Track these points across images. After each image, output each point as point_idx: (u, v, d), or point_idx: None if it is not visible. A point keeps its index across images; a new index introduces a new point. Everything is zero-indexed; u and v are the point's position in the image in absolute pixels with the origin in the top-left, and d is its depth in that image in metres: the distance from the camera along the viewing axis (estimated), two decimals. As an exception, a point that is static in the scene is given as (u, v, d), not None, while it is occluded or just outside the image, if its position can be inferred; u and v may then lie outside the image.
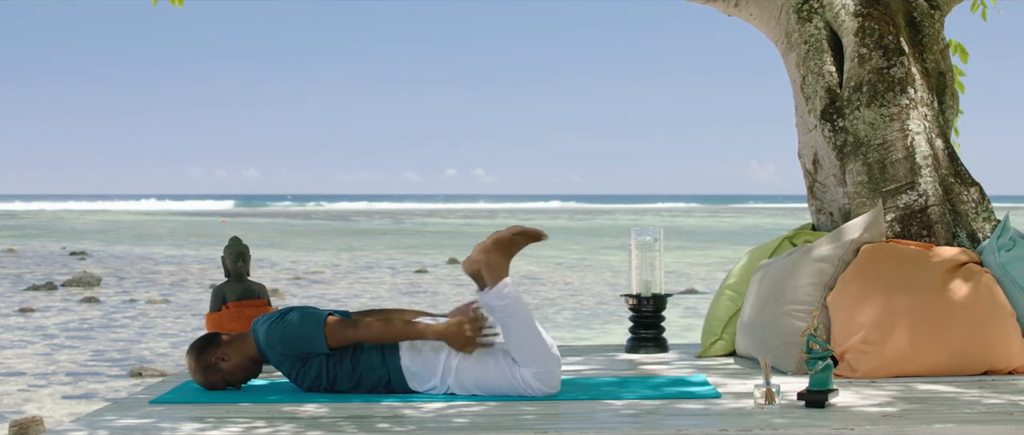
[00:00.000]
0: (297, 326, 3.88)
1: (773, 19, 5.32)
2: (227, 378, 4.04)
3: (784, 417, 3.41)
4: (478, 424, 3.35)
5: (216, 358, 4.02)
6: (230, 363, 4.02)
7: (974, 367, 4.20)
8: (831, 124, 4.96)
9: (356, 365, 3.89)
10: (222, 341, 4.06)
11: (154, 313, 14.34)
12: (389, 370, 3.89)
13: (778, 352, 4.36)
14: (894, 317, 4.19)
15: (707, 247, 30.08)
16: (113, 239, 34.82)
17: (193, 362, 4.04)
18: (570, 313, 14.34)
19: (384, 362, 3.89)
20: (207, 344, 4.05)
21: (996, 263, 4.41)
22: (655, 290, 5.01)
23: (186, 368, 4.13)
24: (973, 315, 4.20)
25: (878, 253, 4.37)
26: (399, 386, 3.90)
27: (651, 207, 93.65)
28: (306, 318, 3.89)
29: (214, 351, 4.03)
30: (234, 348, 4.04)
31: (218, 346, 4.04)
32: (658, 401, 3.73)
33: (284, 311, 3.97)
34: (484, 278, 3.89)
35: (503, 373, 3.83)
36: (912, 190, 4.77)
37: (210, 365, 4.02)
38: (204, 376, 4.03)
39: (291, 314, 3.92)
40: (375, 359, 3.90)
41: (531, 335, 3.82)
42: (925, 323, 4.18)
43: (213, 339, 4.07)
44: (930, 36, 5.14)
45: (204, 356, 4.03)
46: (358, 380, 3.90)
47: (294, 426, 3.34)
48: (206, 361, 4.02)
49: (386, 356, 3.90)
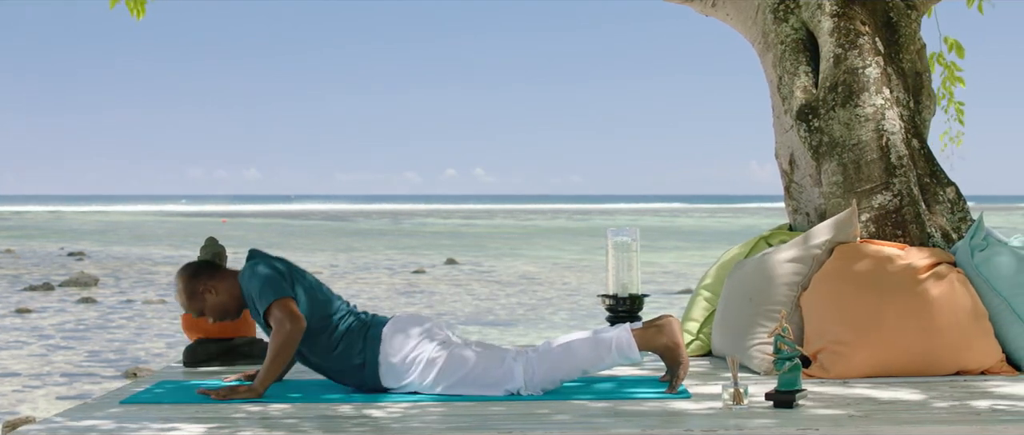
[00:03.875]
0: (256, 286, 3.87)
1: (750, 19, 5.32)
2: (205, 309, 4.04)
3: (751, 417, 3.41)
4: (443, 423, 3.35)
5: (204, 288, 4.01)
6: (215, 297, 4.02)
7: (946, 368, 4.20)
8: (807, 124, 4.96)
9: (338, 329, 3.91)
10: (215, 272, 4.04)
11: (151, 313, 14.34)
12: (368, 344, 3.89)
13: (752, 352, 4.37)
14: (867, 318, 4.19)
15: (706, 247, 30.07)
16: (111, 240, 34.84)
17: (181, 283, 4.02)
18: (566, 313, 14.34)
19: (366, 336, 3.90)
20: (200, 272, 4.04)
21: (969, 263, 4.41)
22: (632, 290, 5.01)
23: (174, 288, 4.11)
24: (945, 316, 4.20)
25: (852, 253, 4.38)
26: (371, 357, 3.88)
27: (650, 207, 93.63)
28: (264, 287, 3.85)
29: (205, 280, 4.02)
30: (224, 284, 4.03)
31: (210, 276, 4.03)
32: (626, 401, 3.73)
33: (259, 261, 3.95)
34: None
35: (496, 357, 3.85)
36: (887, 190, 4.77)
37: (196, 292, 4.01)
38: (187, 300, 4.02)
39: (259, 268, 3.90)
40: (358, 332, 3.91)
41: (570, 365, 3.88)
42: (897, 324, 4.18)
43: (207, 267, 4.05)
44: (906, 36, 5.13)
45: (193, 282, 4.02)
46: (338, 342, 3.90)
47: (261, 427, 3.34)
48: (194, 287, 4.02)
49: (369, 334, 3.91)
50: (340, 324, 3.96)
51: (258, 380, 3.83)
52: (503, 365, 3.85)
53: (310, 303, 3.95)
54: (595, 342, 3.91)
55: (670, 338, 3.89)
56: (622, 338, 3.90)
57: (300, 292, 3.94)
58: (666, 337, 3.89)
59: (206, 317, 4.08)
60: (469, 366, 3.86)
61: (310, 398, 3.83)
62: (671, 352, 3.88)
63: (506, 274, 20.80)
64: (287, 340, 3.80)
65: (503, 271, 21.55)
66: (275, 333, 3.82)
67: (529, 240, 34.95)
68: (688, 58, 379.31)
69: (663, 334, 3.89)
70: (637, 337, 3.90)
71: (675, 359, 3.88)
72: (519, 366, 3.84)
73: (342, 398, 3.82)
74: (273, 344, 3.82)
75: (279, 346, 3.81)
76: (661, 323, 3.92)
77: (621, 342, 3.89)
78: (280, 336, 3.80)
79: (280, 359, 3.82)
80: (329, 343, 3.93)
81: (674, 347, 3.88)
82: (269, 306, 3.83)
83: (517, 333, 12.36)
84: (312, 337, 3.94)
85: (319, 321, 3.94)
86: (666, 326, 3.90)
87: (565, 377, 3.92)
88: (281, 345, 3.80)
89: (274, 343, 3.81)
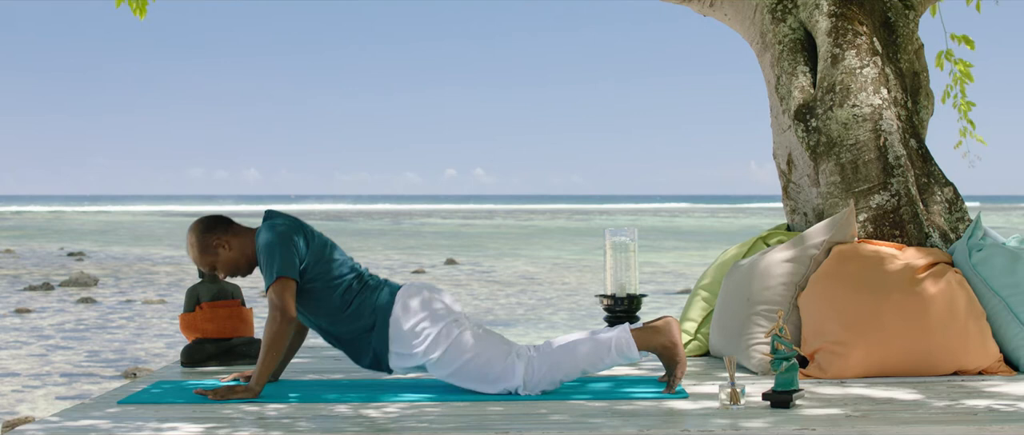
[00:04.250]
0: (264, 257, 3.86)
1: (748, 19, 5.32)
2: (217, 265, 4.00)
3: (747, 417, 3.42)
4: (440, 423, 3.36)
5: (218, 242, 3.97)
6: (228, 253, 3.98)
7: (944, 368, 4.20)
8: (804, 124, 4.96)
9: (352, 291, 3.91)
10: (229, 227, 4.00)
11: (150, 313, 14.34)
12: (379, 305, 3.89)
13: (749, 352, 4.37)
14: (864, 318, 4.19)
15: (706, 247, 30.06)
16: (111, 240, 34.84)
17: (194, 237, 3.98)
18: (566, 313, 14.34)
19: (378, 297, 3.91)
20: (215, 225, 4.00)
21: (967, 263, 4.41)
22: (630, 290, 5.01)
23: (186, 242, 4.05)
24: (943, 316, 4.20)
25: (849, 254, 4.38)
26: (382, 319, 3.88)
27: (650, 207, 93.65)
28: (270, 260, 3.84)
29: (220, 235, 3.98)
30: (238, 240, 3.99)
31: (225, 231, 3.99)
32: (623, 401, 3.73)
33: (273, 223, 3.92)
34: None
35: (501, 351, 3.85)
36: (884, 190, 4.77)
37: (209, 246, 3.97)
38: (200, 254, 3.98)
39: (270, 235, 3.86)
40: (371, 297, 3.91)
41: (570, 366, 3.90)
42: (895, 324, 4.18)
43: (222, 222, 4.01)
44: (904, 36, 5.13)
45: (207, 236, 3.98)
46: (350, 302, 3.90)
47: (258, 427, 3.34)
48: (207, 241, 3.98)
49: (381, 295, 3.91)
50: (353, 284, 3.94)
51: (254, 378, 3.83)
52: (506, 360, 3.86)
53: (321, 263, 3.92)
54: (595, 343, 3.92)
55: (668, 338, 3.89)
56: (621, 338, 3.90)
57: (311, 254, 3.91)
58: (664, 337, 3.90)
59: (218, 273, 4.03)
60: (473, 353, 3.85)
61: (307, 398, 3.83)
62: (669, 352, 3.89)
63: (506, 274, 20.80)
64: (278, 333, 3.80)
65: (503, 271, 21.55)
66: (267, 326, 3.82)
67: (529, 240, 34.95)
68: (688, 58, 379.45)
69: (661, 334, 3.90)
70: (636, 337, 3.91)
71: (673, 359, 3.89)
72: (521, 365, 3.85)
73: (339, 398, 3.82)
74: (265, 338, 3.82)
75: (270, 340, 3.80)
76: (659, 324, 3.93)
77: (620, 342, 3.90)
78: (271, 329, 3.80)
79: (273, 353, 3.81)
80: (340, 303, 3.91)
81: (672, 347, 3.89)
82: (269, 285, 3.83)
83: (517, 333, 12.37)
84: (323, 298, 3.91)
85: (330, 280, 3.92)
86: (664, 326, 3.92)
87: (565, 378, 3.93)
88: (272, 339, 3.80)
89: (266, 337, 3.81)
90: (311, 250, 3.93)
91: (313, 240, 3.96)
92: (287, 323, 3.81)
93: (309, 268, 3.90)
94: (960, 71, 5.65)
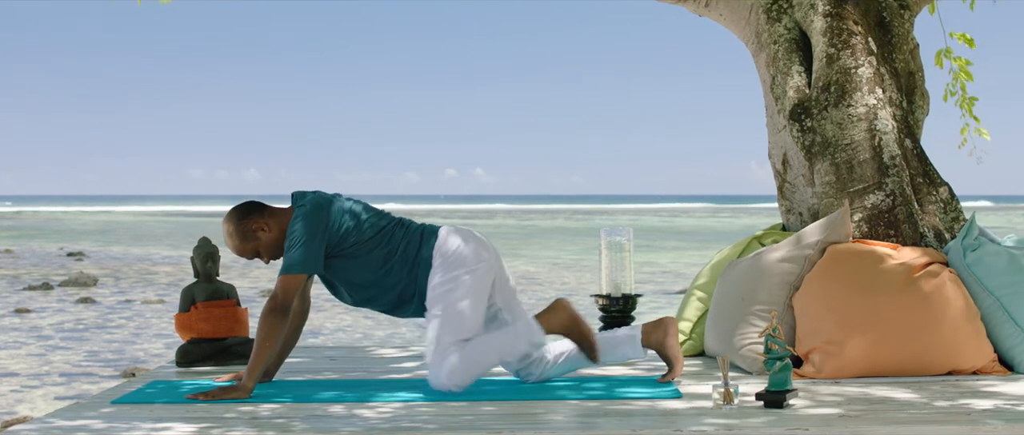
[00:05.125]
0: (289, 238, 3.87)
1: (743, 19, 5.33)
2: (261, 249, 3.97)
3: (740, 417, 3.42)
4: (433, 423, 3.36)
5: (257, 226, 3.94)
6: (269, 234, 3.95)
7: (938, 367, 4.21)
8: (800, 124, 4.96)
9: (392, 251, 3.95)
10: (265, 209, 3.98)
11: (150, 314, 14.34)
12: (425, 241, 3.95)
13: (744, 352, 4.37)
14: (858, 318, 4.19)
15: (705, 247, 30.06)
16: (111, 240, 34.84)
17: (232, 226, 3.95)
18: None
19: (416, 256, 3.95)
20: (251, 211, 3.97)
21: (962, 263, 4.41)
22: (625, 290, 5.02)
23: (223, 233, 4.02)
24: (937, 316, 4.20)
25: (844, 253, 4.38)
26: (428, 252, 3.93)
27: (650, 207, 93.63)
28: (290, 249, 3.85)
29: (257, 219, 3.95)
30: (276, 220, 3.96)
31: (261, 215, 3.96)
32: (617, 401, 3.74)
33: (303, 207, 3.90)
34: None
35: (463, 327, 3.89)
36: (879, 190, 4.77)
37: (249, 231, 3.94)
38: (241, 242, 3.95)
39: (298, 224, 3.87)
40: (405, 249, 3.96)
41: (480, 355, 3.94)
42: (889, 324, 4.18)
43: (257, 206, 3.99)
44: (899, 36, 5.14)
45: (245, 222, 3.95)
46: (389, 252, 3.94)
47: (251, 427, 3.34)
48: (246, 227, 3.94)
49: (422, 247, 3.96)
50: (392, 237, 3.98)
51: (246, 374, 3.83)
52: (455, 335, 3.88)
53: (357, 228, 3.94)
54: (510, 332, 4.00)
55: (572, 326, 3.99)
56: (531, 325, 3.98)
57: (346, 221, 3.93)
58: (565, 321, 3.99)
59: (263, 258, 4.00)
60: (451, 311, 3.87)
61: (301, 398, 3.83)
62: (581, 338, 4.01)
63: (505, 274, 20.79)
64: (271, 331, 3.80)
65: (502, 271, 21.54)
66: (260, 322, 3.82)
67: (528, 240, 34.96)
68: (688, 58, 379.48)
69: (559, 315, 3.99)
70: (542, 321, 3.99)
71: (589, 344, 4.01)
72: (455, 358, 3.86)
73: (334, 398, 3.82)
74: (258, 335, 3.82)
75: (263, 337, 3.81)
76: (558, 307, 4.02)
77: (529, 330, 3.97)
78: (264, 326, 3.80)
79: (264, 350, 3.81)
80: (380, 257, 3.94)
81: (584, 335, 4.00)
82: (281, 274, 3.84)
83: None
84: (364, 255, 3.93)
85: (368, 243, 3.94)
86: (561, 310, 4.00)
87: (480, 371, 3.93)
88: (265, 336, 3.81)
89: (259, 334, 3.82)
90: (345, 221, 3.94)
91: (342, 217, 3.94)
92: (282, 316, 3.81)
93: (348, 234, 3.92)
94: (960, 68, 5.64)
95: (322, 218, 3.88)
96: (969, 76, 5.77)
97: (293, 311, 4.14)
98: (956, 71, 5.68)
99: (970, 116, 5.82)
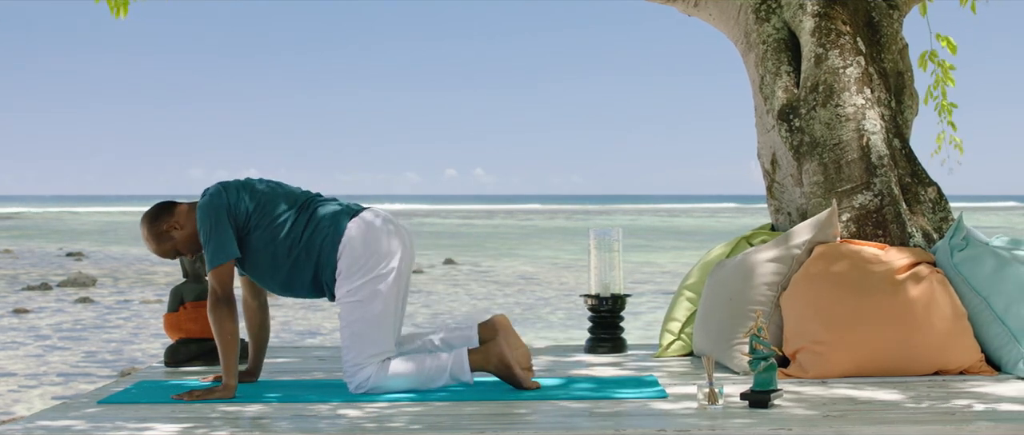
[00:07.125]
0: (200, 233, 3.90)
1: (732, 19, 5.33)
2: (178, 246, 4.00)
3: (725, 417, 3.42)
4: (418, 423, 3.36)
5: (168, 226, 3.98)
6: (182, 231, 3.98)
7: (925, 367, 4.20)
8: (788, 124, 4.96)
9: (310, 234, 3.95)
10: (173, 208, 4.00)
11: (148, 314, 14.34)
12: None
13: (732, 352, 4.37)
14: (846, 318, 4.19)
15: (704, 247, 30.06)
16: (110, 240, 34.83)
17: (145, 230, 3.98)
18: (563, 313, 14.35)
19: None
20: (161, 212, 3.99)
21: (949, 263, 4.41)
22: (614, 290, 5.01)
23: (142, 239, 4.05)
24: (924, 316, 4.20)
25: (831, 253, 4.38)
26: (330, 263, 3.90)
27: (650, 207, 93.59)
28: (206, 244, 3.87)
29: (168, 218, 3.98)
30: (186, 216, 3.99)
31: (171, 214, 3.98)
32: (602, 401, 3.74)
33: (204, 197, 3.92)
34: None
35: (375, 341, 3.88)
36: (867, 190, 4.77)
37: (162, 232, 3.98)
38: (157, 243, 3.98)
39: (202, 213, 3.88)
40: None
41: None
42: (876, 324, 4.18)
43: (167, 207, 4.01)
44: (888, 36, 5.13)
45: (157, 224, 3.98)
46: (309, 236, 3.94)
47: (236, 427, 3.35)
48: (159, 229, 3.97)
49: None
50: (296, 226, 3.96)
51: (225, 375, 3.85)
52: (372, 348, 3.86)
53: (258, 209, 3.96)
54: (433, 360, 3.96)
55: (500, 361, 3.94)
56: (457, 359, 3.94)
57: (243, 203, 3.94)
58: (496, 360, 3.94)
59: (183, 255, 4.04)
60: (366, 323, 3.85)
61: (286, 398, 3.83)
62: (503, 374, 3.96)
63: (504, 274, 20.81)
64: (221, 323, 3.84)
65: (501, 271, 21.56)
66: (210, 320, 3.86)
67: (528, 240, 34.96)
68: (688, 58, 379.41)
69: (492, 357, 3.95)
70: (471, 359, 3.96)
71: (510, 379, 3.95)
72: (372, 369, 3.86)
73: (318, 398, 3.82)
74: (214, 331, 3.86)
75: (217, 330, 3.85)
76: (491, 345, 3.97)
77: (456, 365, 3.94)
78: (214, 321, 3.85)
79: (226, 343, 3.83)
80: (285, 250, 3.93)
81: (505, 370, 3.94)
82: (209, 273, 3.87)
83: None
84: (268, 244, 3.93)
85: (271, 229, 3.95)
86: (495, 348, 3.95)
87: (395, 391, 3.93)
88: (219, 329, 3.84)
89: (214, 330, 3.85)
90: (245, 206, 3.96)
91: (241, 197, 3.97)
92: (226, 305, 3.83)
93: (251, 218, 3.94)
94: (942, 72, 5.64)
95: (219, 204, 3.91)
96: (950, 80, 5.77)
97: (247, 305, 4.20)
98: (938, 75, 5.69)
99: (948, 122, 5.84)
